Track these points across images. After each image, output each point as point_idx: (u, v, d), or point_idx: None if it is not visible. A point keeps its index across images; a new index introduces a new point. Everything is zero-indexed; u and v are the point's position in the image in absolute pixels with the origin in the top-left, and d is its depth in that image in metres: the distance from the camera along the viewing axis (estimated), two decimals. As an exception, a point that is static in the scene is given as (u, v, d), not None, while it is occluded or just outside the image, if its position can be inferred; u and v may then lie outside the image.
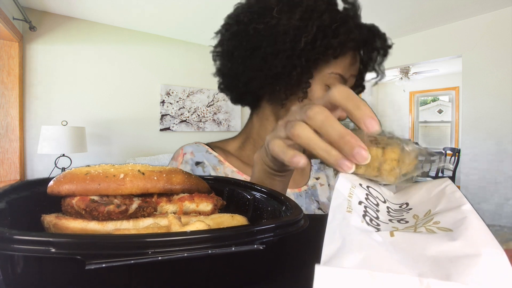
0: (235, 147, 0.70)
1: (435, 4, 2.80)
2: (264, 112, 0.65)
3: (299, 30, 0.52)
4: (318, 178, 0.73)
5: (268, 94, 0.61)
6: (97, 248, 0.19)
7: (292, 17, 0.53)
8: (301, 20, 0.52)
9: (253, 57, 0.56)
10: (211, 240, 0.22)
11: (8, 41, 2.67)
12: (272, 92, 0.59)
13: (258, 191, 0.39)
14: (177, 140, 3.82)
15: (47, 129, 2.57)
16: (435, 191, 0.34)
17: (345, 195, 0.30)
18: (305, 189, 0.69)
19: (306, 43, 0.52)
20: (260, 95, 0.63)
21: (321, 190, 0.70)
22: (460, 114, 5.46)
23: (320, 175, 0.74)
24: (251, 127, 0.69)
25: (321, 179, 0.73)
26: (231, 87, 0.64)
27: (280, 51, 0.53)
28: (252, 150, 0.68)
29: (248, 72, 0.57)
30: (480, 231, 0.22)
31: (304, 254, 0.32)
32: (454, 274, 0.17)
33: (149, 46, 3.56)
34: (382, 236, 0.23)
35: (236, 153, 0.68)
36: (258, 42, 0.55)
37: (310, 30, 0.52)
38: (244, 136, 0.71)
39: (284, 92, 0.57)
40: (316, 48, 0.53)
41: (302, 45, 0.52)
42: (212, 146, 0.68)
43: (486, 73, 2.97)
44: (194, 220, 0.29)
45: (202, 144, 0.68)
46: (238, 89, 0.62)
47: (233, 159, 0.66)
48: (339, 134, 0.27)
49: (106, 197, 0.30)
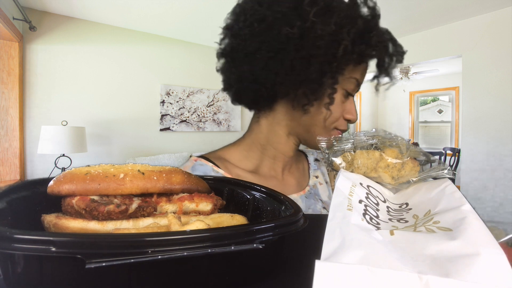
0: (239, 157, 0.65)
1: (435, 4, 2.80)
2: (276, 116, 0.61)
3: (336, 36, 0.50)
4: (317, 176, 0.72)
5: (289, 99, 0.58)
6: (97, 247, 0.19)
7: (329, 22, 0.50)
8: (338, 25, 0.50)
9: (278, 61, 0.52)
10: (211, 239, 0.22)
11: (8, 41, 2.67)
12: (294, 97, 0.56)
13: (257, 191, 0.39)
14: (177, 140, 3.82)
15: (47, 129, 2.57)
16: (435, 191, 0.34)
17: (345, 194, 0.30)
18: (308, 189, 0.68)
19: (343, 50, 0.50)
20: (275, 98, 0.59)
21: (321, 189, 0.69)
22: (460, 114, 5.46)
23: (317, 173, 0.72)
24: (258, 131, 0.64)
25: (319, 178, 0.72)
26: (245, 90, 0.59)
27: (313, 56, 0.50)
28: (259, 157, 0.64)
29: (272, 76, 0.53)
30: (480, 231, 0.22)
31: (303, 253, 0.32)
32: (453, 272, 0.17)
33: (149, 46, 3.56)
34: (382, 235, 0.23)
35: (242, 164, 0.64)
36: (287, 45, 0.51)
37: (347, 36, 0.50)
38: (249, 142, 0.66)
39: (308, 97, 0.54)
40: (350, 55, 0.51)
41: (340, 52, 0.50)
42: (214, 159, 0.63)
43: (486, 73, 2.97)
44: (193, 219, 0.29)
45: (205, 161, 0.62)
46: (254, 93, 0.58)
47: (239, 172, 0.62)
48: None
49: (106, 197, 0.30)
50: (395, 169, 0.40)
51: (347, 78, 0.56)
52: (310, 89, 0.53)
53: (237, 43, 0.56)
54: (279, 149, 0.64)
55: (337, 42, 0.50)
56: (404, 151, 0.41)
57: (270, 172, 0.65)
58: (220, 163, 0.62)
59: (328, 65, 0.51)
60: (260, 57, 0.53)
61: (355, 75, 0.57)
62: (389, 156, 0.41)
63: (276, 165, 0.65)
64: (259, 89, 0.57)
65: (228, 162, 0.64)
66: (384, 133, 0.45)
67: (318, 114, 0.57)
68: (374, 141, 0.43)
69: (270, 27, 0.52)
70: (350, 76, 0.56)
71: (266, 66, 0.53)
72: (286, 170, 0.67)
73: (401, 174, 0.40)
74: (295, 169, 0.70)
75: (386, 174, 0.40)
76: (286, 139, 0.63)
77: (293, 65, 0.52)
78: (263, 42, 0.52)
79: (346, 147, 0.44)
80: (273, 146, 0.64)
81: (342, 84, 0.56)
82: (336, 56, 0.51)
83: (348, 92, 0.58)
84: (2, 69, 2.68)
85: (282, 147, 0.63)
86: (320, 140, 0.48)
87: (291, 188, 0.66)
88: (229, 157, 0.65)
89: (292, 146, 0.64)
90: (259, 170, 0.64)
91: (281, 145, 0.63)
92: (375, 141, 0.43)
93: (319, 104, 0.56)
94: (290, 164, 0.68)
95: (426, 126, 6.53)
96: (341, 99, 0.57)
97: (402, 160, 0.41)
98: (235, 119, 4.30)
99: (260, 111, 0.64)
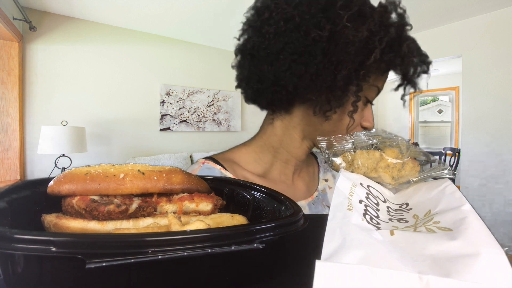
0: (249, 159, 0.63)
1: (435, 4, 2.80)
2: (293, 119, 0.59)
3: (368, 43, 0.48)
4: (326, 180, 0.69)
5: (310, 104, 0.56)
6: (97, 247, 0.19)
7: (362, 28, 0.47)
8: (371, 32, 0.48)
9: (303, 64, 0.50)
10: (211, 239, 0.22)
11: (8, 41, 2.67)
12: (316, 103, 0.54)
13: (257, 191, 0.39)
14: (177, 140, 3.82)
15: (47, 129, 2.57)
16: (435, 191, 0.34)
17: (345, 194, 0.30)
18: (316, 194, 0.66)
19: (374, 58, 0.48)
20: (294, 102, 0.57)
21: (330, 194, 0.67)
22: (460, 114, 5.46)
23: (328, 177, 0.70)
24: (272, 133, 0.62)
25: (329, 181, 0.69)
26: (265, 91, 0.56)
27: (341, 62, 0.48)
28: (270, 161, 0.62)
29: (294, 79, 0.51)
30: (480, 231, 0.22)
31: (304, 253, 0.32)
32: (454, 272, 0.17)
33: (149, 46, 3.56)
34: (382, 235, 0.23)
35: (251, 167, 0.62)
36: (314, 48, 0.49)
37: (379, 45, 0.48)
38: (261, 144, 0.63)
39: (331, 104, 0.52)
40: (379, 63, 0.50)
41: (371, 60, 0.48)
42: (223, 161, 0.61)
43: (486, 73, 2.97)
44: (194, 219, 0.29)
45: (212, 163, 0.60)
46: (273, 94, 0.55)
47: (248, 175, 0.60)
48: None
49: (106, 197, 0.30)
50: (395, 169, 0.40)
51: (370, 86, 0.54)
52: (334, 96, 0.51)
53: (259, 41, 0.53)
54: (292, 153, 0.62)
55: (368, 49, 0.48)
56: (404, 151, 0.41)
57: (280, 177, 0.63)
58: (228, 166, 0.60)
59: (355, 73, 0.49)
60: (283, 58, 0.51)
61: (378, 83, 0.55)
62: (389, 156, 0.41)
63: (287, 169, 0.64)
64: (279, 91, 0.54)
65: (236, 165, 0.61)
66: (384, 133, 0.45)
67: (339, 121, 0.55)
68: (374, 141, 0.43)
69: (297, 28, 0.49)
70: (373, 84, 0.54)
71: (289, 69, 0.51)
72: (296, 174, 0.66)
73: (401, 174, 0.40)
74: (305, 173, 0.68)
75: (386, 174, 0.40)
76: (300, 143, 0.61)
77: (318, 69, 0.49)
78: (288, 43, 0.50)
79: (346, 147, 0.44)
80: (287, 150, 0.61)
81: (364, 92, 0.54)
82: (365, 63, 0.49)
83: (368, 99, 0.56)
84: (2, 69, 2.68)
85: (296, 151, 0.62)
86: (320, 140, 0.47)
87: (300, 194, 0.64)
88: (238, 159, 0.63)
89: (305, 150, 0.62)
90: (269, 174, 0.63)
91: (295, 149, 0.61)
92: (375, 141, 0.43)
93: (341, 111, 0.53)
94: (300, 168, 0.66)
95: (426, 126, 6.53)
96: (361, 106, 0.55)
97: (402, 160, 0.41)
98: (235, 119, 4.30)
99: (275, 112, 0.61)
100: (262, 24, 0.53)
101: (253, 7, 0.56)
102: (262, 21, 0.53)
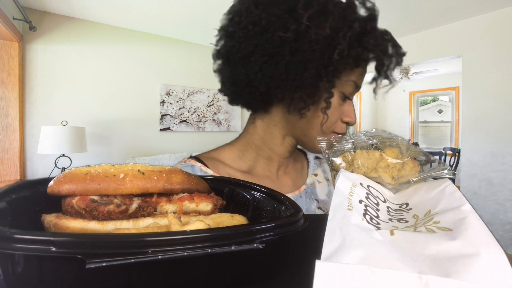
0: (233, 156, 0.64)
1: (435, 4, 2.80)
2: (273, 118, 0.61)
3: (332, 40, 0.49)
4: (316, 174, 0.71)
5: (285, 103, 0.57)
6: (97, 247, 0.19)
7: (324, 25, 0.49)
8: (334, 29, 0.49)
9: (273, 64, 0.51)
10: (211, 239, 0.22)
11: (8, 41, 2.67)
12: (290, 101, 0.55)
13: (257, 191, 0.39)
14: (177, 140, 3.82)
15: (47, 129, 2.57)
16: (435, 191, 0.34)
17: (345, 194, 0.30)
18: (304, 188, 0.67)
19: (339, 54, 0.49)
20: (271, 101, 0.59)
21: (319, 188, 0.69)
22: (460, 114, 5.46)
23: (317, 171, 0.71)
24: (254, 132, 0.64)
25: (318, 176, 0.71)
26: (240, 93, 0.58)
27: (309, 60, 0.49)
28: (254, 158, 0.64)
29: (266, 79, 0.53)
30: (480, 231, 0.22)
31: (304, 253, 0.32)
32: (454, 272, 0.17)
33: (149, 46, 3.56)
34: (382, 235, 0.23)
35: (235, 164, 0.63)
36: (281, 49, 0.50)
37: (343, 41, 0.49)
38: (244, 143, 0.65)
39: (305, 101, 0.53)
40: (347, 59, 0.50)
41: (335, 56, 0.49)
42: (206, 159, 0.63)
43: (486, 73, 2.97)
44: (194, 219, 0.29)
45: (194, 161, 0.62)
46: (249, 95, 0.57)
47: (231, 171, 0.62)
48: None
49: (106, 197, 0.30)
50: (395, 169, 0.40)
51: (345, 81, 0.55)
52: (307, 94, 0.52)
53: (231, 45, 0.55)
54: (274, 150, 0.63)
55: (333, 46, 0.49)
56: (404, 151, 0.41)
57: (264, 172, 0.64)
58: (211, 163, 0.62)
59: (324, 69, 0.50)
60: (254, 61, 0.52)
61: (353, 78, 0.56)
62: (389, 156, 0.41)
63: (271, 166, 0.65)
64: (254, 93, 0.56)
65: (220, 163, 0.63)
66: (384, 133, 0.45)
67: (315, 118, 0.56)
68: (374, 141, 0.43)
69: (265, 30, 0.51)
70: (347, 79, 0.55)
71: (261, 70, 0.52)
72: (282, 170, 0.67)
73: (401, 174, 0.40)
74: (292, 169, 0.69)
75: (386, 174, 0.40)
76: (282, 140, 0.62)
77: (288, 69, 0.51)
78: (258, 46, 0.52)
79: (346, 147, 0.44)
80: (269, 147, 0.63)
81: (339, 87, 0.55)
82: (332, 60, 0.50)
83: (345, 95, 0.57)
84: (2, 69, 2.68)
85: (278, 148, 0.63)
86: (320, 140, 0.47)
87: (285, 188, 0.65)
88: (223, 157, 0.64)
89: (288, 147, 0.63)
90: (253, 170, 0.64)
91: (277, 146, 0.63)
92: (375, 141, 0.43)
93: (316, 108, 0.55)
94: (286, 164, 0.67)
95: (426, 126, 6.53)
96: (339, 102, 0.56)
97: (402, 160, 0.41)
98: (235, 119, 4.30)
99: (256, 112, 0.64)
100: (234, 28, 0.55)
101: (227, 12, 0.58)
102: (233, 26, 0.55)
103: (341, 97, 0.56)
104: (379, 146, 0.43)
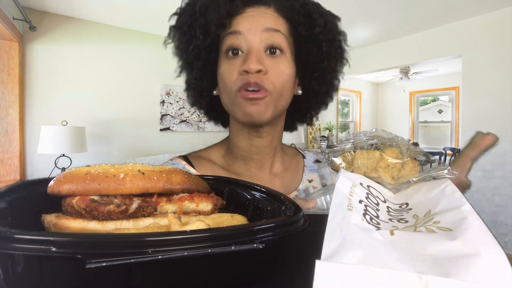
0: (219, 154, 0.67)
1: (435, 4, 2.80)
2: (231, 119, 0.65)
3: (186, 42, 0.59)
4: (311, 180, 0.68)
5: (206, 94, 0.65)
6: (97, 247, 0.19)
7: (178, 31, 0.59)
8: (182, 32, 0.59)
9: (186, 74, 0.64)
10: (211, 239, 0.22)
11: (8, 41, 2.67)
12: (200, 90, 0.64)
13: (257, 191, 0.39)
14: (177, 140, 3.82)
15: (47, 129, 2.57)
16: (435, 191, 0.34)
17: (345, 194, 0.30)
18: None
19: (193, 48, 0.57)
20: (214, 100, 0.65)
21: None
22: (460, 114, 5.45)
23: (313, 177, 0.69)
24: (230, 131, 0.66)
25: (314, 182, 0.68)
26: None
27: (189, 64, 0.62)
28: (231, 157, 0.65)
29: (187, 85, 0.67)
30: (480, 231, 0.22)
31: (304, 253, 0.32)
32: (454, 272, 0.17)
33: (149, 46, 3.56)
34: (382, 235, 0.23)
35: (221, 161, 0.66)
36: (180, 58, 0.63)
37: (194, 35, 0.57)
38: (227, 142, 0.68)
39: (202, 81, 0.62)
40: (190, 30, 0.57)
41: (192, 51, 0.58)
42: (193, 158, 0.65)
43: (486, 73, 2.97)
44: (194, 219, 0.29)
45: (179, 160, 0.64)
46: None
47: (218, 170, 0.63)
48: None
49: (106, 197, 0.30)
50: (395, 169, 0.40)
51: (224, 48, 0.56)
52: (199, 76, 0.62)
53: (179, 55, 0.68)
54: (240, 148, 0.62)
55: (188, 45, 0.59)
56: (404, 151, 0.41)
57: (245, 173, 0.64)
58: (196, 162, 0.64)
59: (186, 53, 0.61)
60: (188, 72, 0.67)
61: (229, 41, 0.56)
62: (389, 156, 0.41)
63: (249, 165, 0.63)
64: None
65: (207, 161, 0.65)
66: (384, 133, 0.45)
67: (221, 85, 0.57)
68: (374, 141, 0.43)
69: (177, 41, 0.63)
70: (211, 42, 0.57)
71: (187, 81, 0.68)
72: (267, 171, 0.64)
73: (401, 174, 0.40)
74: (283, 172, 0.67)
75: (386, 174, 0.40)
76: (239, 131, 0.61)
77: (187, 77, 0.65)
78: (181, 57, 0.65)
79: (346, 147, 0.44)
80: (235, 145, 0.63)
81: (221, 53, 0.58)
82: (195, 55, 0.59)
83: (227, 50, 0.55)
84: (2, 69, 2.68)
85: (240, 143, 0.62)
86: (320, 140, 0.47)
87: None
88: (210, 156, 0.67)
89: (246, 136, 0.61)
90: (237, 170, 0.64)
91: (238, 141, 0.62)
92: (375, 141, 0.43)
93: (218, 79, 0.59)
94: (269, 165, 0.65)
95: (426, 126, 6.53)
96: (226, 60, 0.56)
97: (402, 160, 0.41)
98: (235, 119, 4.29)
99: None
100: (178, 38, 0.62)
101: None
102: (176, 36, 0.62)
103: (224, 52, 0.56)
104: (379, 146, 0.43)
